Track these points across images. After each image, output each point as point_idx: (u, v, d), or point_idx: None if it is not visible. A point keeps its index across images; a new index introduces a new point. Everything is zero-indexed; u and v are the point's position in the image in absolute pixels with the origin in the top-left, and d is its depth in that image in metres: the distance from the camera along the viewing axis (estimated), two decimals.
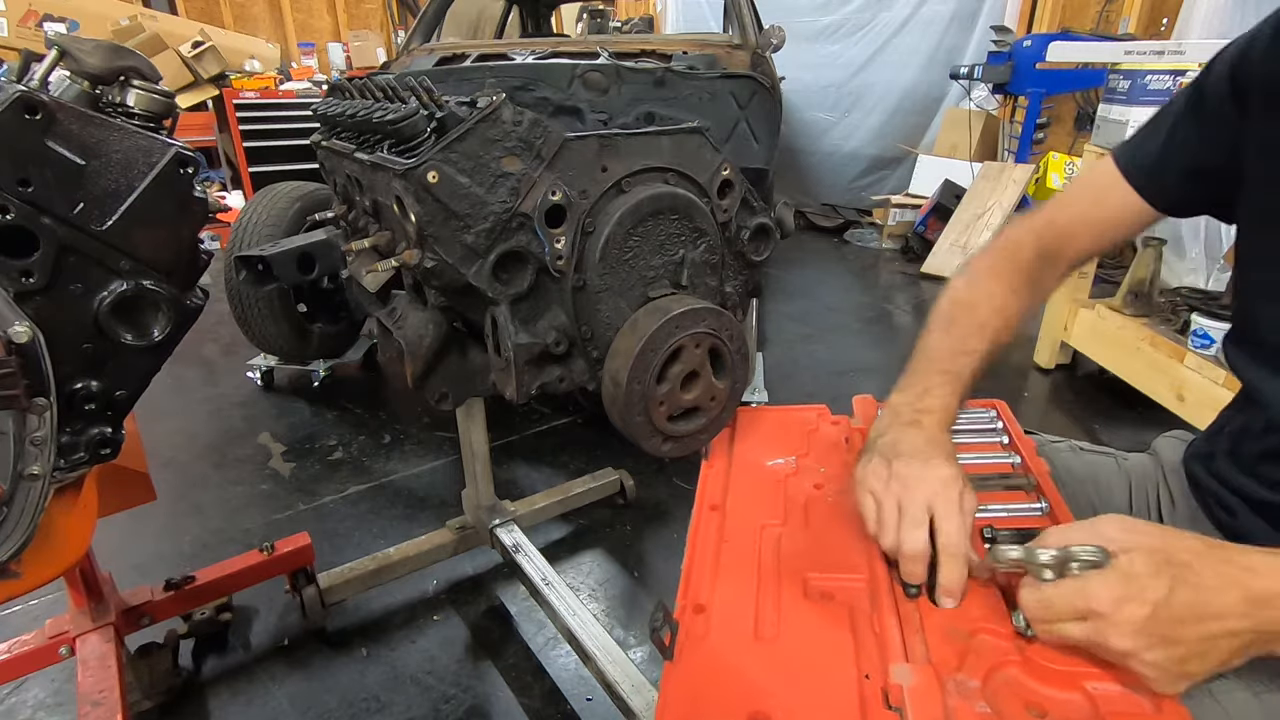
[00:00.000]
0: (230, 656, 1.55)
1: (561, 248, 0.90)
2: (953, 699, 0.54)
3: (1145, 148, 0.80)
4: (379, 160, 0.94)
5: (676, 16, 6.22)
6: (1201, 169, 0.75)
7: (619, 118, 1.99)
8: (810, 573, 0.69)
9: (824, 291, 4.02)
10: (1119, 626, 0.51)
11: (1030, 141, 4.15)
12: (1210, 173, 0.74)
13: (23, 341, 0.72)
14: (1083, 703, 0.54)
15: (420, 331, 1.07)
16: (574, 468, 2.19)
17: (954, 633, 0.60)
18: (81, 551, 0.93)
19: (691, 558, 0.73)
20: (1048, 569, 0.55)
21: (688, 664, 0.60)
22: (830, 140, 5.47)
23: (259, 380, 2.78)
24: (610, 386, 0.92)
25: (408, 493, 2.12)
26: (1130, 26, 4.18)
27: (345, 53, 6.83)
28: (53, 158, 0.74)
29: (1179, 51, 2.36)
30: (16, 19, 4.59)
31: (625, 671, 1.27)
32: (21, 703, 1.45)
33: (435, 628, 1.62)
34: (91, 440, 0.85)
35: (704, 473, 0.88)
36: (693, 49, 2.37)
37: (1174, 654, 0.50)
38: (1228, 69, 0.70)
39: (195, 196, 0.85)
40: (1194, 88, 0.75)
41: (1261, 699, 0.60)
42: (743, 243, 1.08)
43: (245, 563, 1.52)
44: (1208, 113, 0.73)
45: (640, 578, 1.79)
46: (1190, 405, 2.17)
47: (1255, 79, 0.67)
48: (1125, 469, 0.90)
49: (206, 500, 2.10)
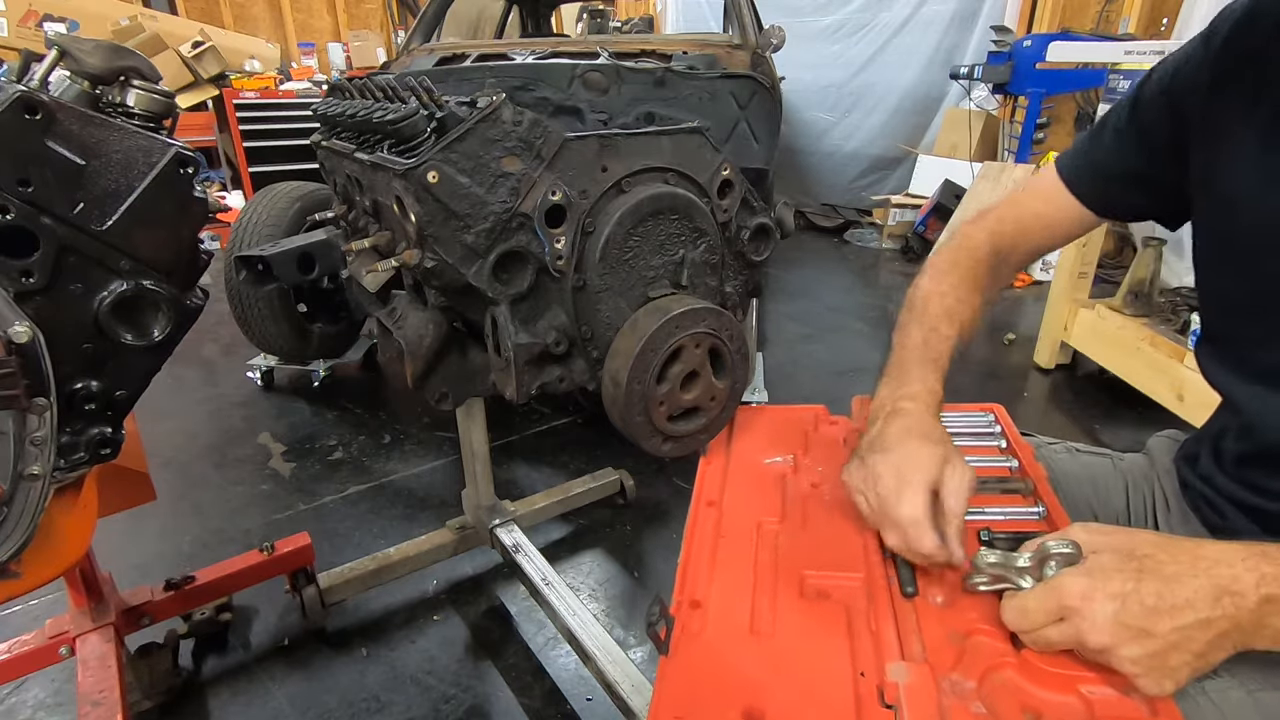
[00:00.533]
0: (230, 656, 1.55)
1: (561, 248, 0.91)
2: (948, 698, 0.54)
3: (1085, 155, 0.83)
4: (379, 160, 0.94)
5: (676, 16, 6.22)
6: (1136, 176, 0.78)
7: (619, 118, 1.99)
8: (807, 570, 0.69)
9: (824, 291, 4.02)
10: (1092, 621, 0.52)
11: (1030, 141, 4.15)
12: (1146, 181, 0.78)
13: (23, 341, 0.72)
14: (1078, 706, 0.54)
15: (420, 331, 1.07)
16: (574, 468, 2.19)
17: (950, 633, 0.60)
18: (81, 551, 0.94)
19: (688, 553, 0.73)
20: (1026, 573, 0.58)
21: (683, 659, 0.60)
22: (830, 140, 5.47)
23: (259, 380, 2.78)
24: (610, 386, 0.92)
25: (408, 493, 2.13)
26: (1130, 26, 4.18)
27: (345, 53, 6.84)
28: (53, 158, 0.74)
29: None
30: (16, 19, 4.59)
31: (625, 671, 1.28)
32: (21, 703, 1.45)
33: (435, 628, 1.62)
34: (91, 440, 0.85)
35: (702, 469, 0.88)
36: (693, 49, 2.37)
37: (1151, 648, 0.51)
38: (1164, 83, 0.73)
39: (195, 196, 0.85)
40: (1133, 99, 0.77)
41: (1256, 698, 0.60)
42: (743, 243, 1.08)
43: (245, 563, 1.52)
44: (1144, 124, 0.76)
45: (640, 578, 1.79)
46: (1190, 405, 2.17)
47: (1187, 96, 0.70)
48: (1122, 470, 0.90)
49: (206, 500, 2.10)
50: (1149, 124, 0.75)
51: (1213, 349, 0.76)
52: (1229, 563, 0.52)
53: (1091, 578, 0.53)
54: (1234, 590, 0.50)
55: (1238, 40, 0.66)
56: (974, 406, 0.96)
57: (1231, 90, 0.66)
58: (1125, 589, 0.52)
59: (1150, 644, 0.51)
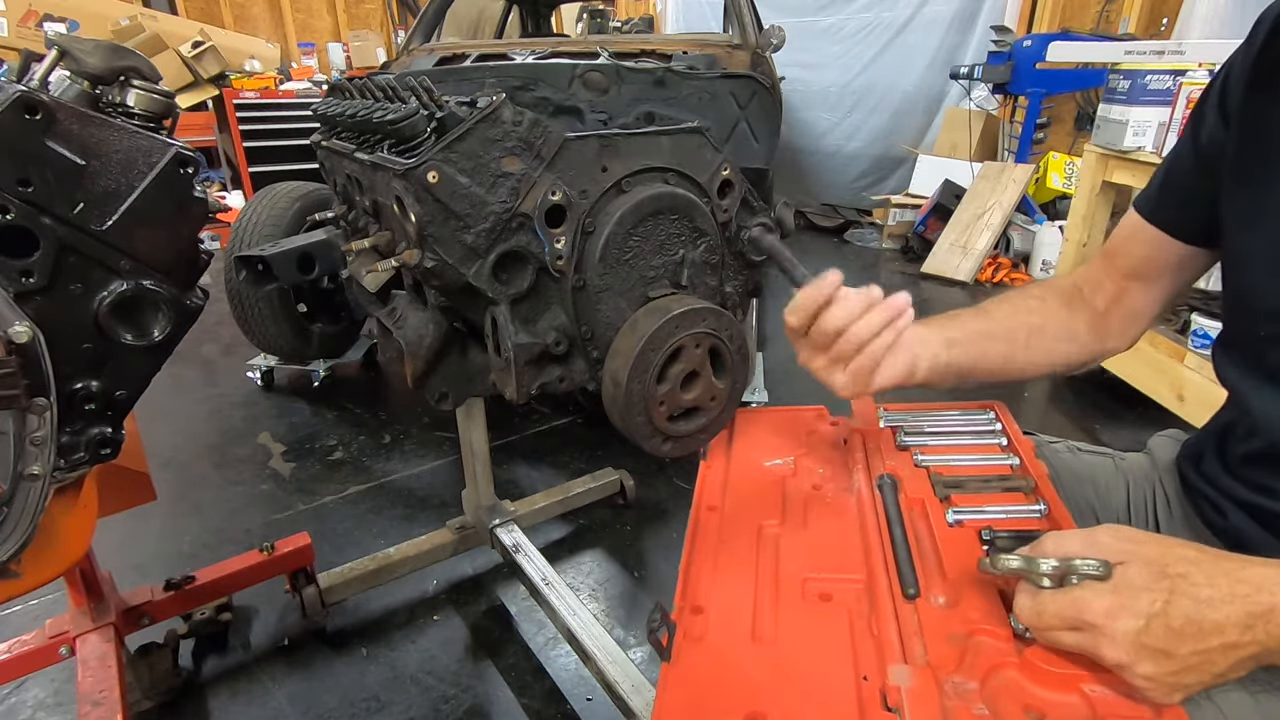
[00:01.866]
0: (230, 656, 1.55)
1: (561, 248, 0.90)
2: (950, 700, 0.54)
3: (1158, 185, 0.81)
4: (379, 160, 0.94)
5: (676, 16, 6.22)
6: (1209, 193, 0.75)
7: (619, 118, 1.99)
8: (808, 574, 0.69)
9: None
10: (1112, 638, 0.50)
11: (1030, 141, 4.15)
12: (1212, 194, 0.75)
13: (23, 341, 0.72)
14: (1081, 705, 0.54)
15: (420, 331, 1.07)
16: (574, 468, 2.19)
17: (952, 634, 0.60)
18: (81, 551, 0.94)
19: (689, 559, 0.73)
20: (1047, 578, 0.55)
21: (685, 665, 0.60)
22: (831, 140, 5.48)
23: (259, 380, 2.78)
24: (610, 386, 0.92)
25: (408, 493, 2.12)
26: (1130, 26, 4.18)
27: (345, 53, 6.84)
28: (53, 158, 0.74)
29: (1179, 51, 2.36)
30: (16, 19, 4.59)
31: (625, 671, 1.28)
32: (21, 703, 1.45)
33: (435, 628, 1.62)
34: (91, 440, 0.85)
35: (702, 473, 0.88)
36: (693, 49, 2.37)
37: (1168, 668, 0.49)
38: (1218, 89, 0.72)
39: (195, 196, 0.85)
40: (1194, 113, 0.76)
41: (1258, 699, 0.60)
42: (743, 243, 1.08)
43: (245, 563, 1.52)
44: (1207, 135, 0.74)
45: (640, 578, 1.79)
46: (1190, 405, 2.17)
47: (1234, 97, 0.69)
48: (1123, 469, 0.90)
49: (206, 500, 2.10)
50: (1211, 133, 0.73)
51: (1229, 349, 0.75)
52: (1271, 590, 0.49)
53: (1118, 595, 0.50)
54: (1268, 618, 0.48)
55: (1274, 41, 0.66)
56: (974, 404, 0.96)
57: (1268, 90, 0.66)
58: (1153, 609, 0.49)
59: (1168, 664, 0.49)
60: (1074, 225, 2.76)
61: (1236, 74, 0.70)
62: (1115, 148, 2.43)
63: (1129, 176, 2.47)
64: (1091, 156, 2.62)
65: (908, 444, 0.87)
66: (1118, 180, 2.53)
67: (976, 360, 0.81)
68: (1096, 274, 0.87)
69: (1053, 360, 0.86)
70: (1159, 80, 2.30)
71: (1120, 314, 0.86)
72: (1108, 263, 0.87)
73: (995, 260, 4.08)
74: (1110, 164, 2.53)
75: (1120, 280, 0.85)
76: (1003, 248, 4.17)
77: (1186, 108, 2.18)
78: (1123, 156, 2.43)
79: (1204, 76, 2.18)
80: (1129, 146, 2.38)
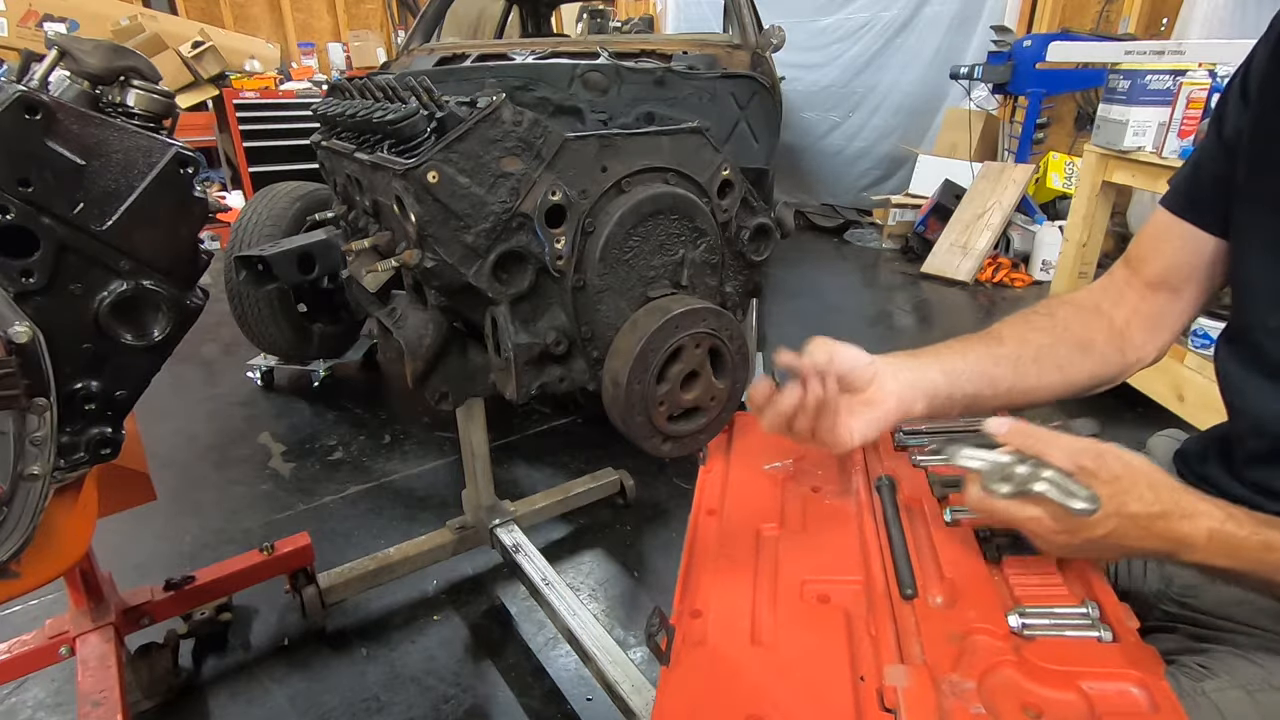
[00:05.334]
0: (230, 656, 1.55)
1: (561, 248, 0.91)
2: (948, 700, 0.54)
3: (1186, 178, 0.79)
4: (379, 160, 0.94)
5: (676, 16, 6.22)
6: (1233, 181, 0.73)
7: (619, 118, 1.99)
8: (807, 576, 0.69)
9: (824, 291, 4.02)
10: (1047, 543, 0.60)
11: (1030, 141, 4.15)
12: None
13: (23, 341, 0.72)
14: (1079, 703, 0.54)
15: (420, 331, 1.07)
16: (574, 468, 2.19)
17: (949, 634, 0.60)
18: (81, 551, 0.94)
19: (688, 563, 0.73)
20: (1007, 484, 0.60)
21: (684, 669, 0.60)
22: (831, 140, 5.47)
23: (259, 380, 2.78)
24: (610, 386, 0.92)
25: (408, 493, 2.13)
26: (1130, 26, 4.18)
27: (345, 53, 6.84)
28: (53, 158, 0.74)
29: (1179, 51, 2.36)
30: (16, 19, 4.59)
31: (625, 671, 1.28)
32: (21, 703, 1.45)
33: (435, 628, 1.62)
34: (91, 440, 0.85)
35: (702, 478, 0.88)
36: (693, 49, 2.37)
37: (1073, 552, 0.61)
38: (1240, 79, 0.72)
39: (195, 196, 0.85)
40: (1217, 106, 0.76)
41: (1255, 697, 0.60)
42: (743, 243, 1.08)
43: (245, 563, 1.52)
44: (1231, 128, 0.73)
45: (640, 578, 1.79)
46: (1190, 405, 2.17)
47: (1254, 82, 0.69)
48: None
49: (206, 500, 2.10)
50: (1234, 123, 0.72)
51: (1234, 345, 0.75)
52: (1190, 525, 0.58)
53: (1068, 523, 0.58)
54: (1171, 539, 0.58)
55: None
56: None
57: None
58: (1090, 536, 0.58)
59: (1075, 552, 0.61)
60: (1074, 225, 2.76)
61: (1258, 63, 0.70)
62: (1115, 148, 2.43)
63: (1129, 176, 2.47)
64: (1091, 156, 2.62)
65: (906, 444, 0.88)
66: (1118, 180, 2.53)
67: (982, 389, 0.78)
68: (1117, 284, 0.85)
69: (1069, 379, 0.82)
70: (1159, 80, 2.30)
71: (1140, 324, 0.83)
72: (1131, 271, 0.84)
73: (995, 260, 4.08)
74: (1110, 164, 2.53)
75: (1143, 289, 0.83)
76: (1003, 248, 4.18)
77: (1186, 108, 2.18)
78: (1123, 156, 2.43)
79: (1204, 76, 2.18)
80: (1129, 146, 2.38)
